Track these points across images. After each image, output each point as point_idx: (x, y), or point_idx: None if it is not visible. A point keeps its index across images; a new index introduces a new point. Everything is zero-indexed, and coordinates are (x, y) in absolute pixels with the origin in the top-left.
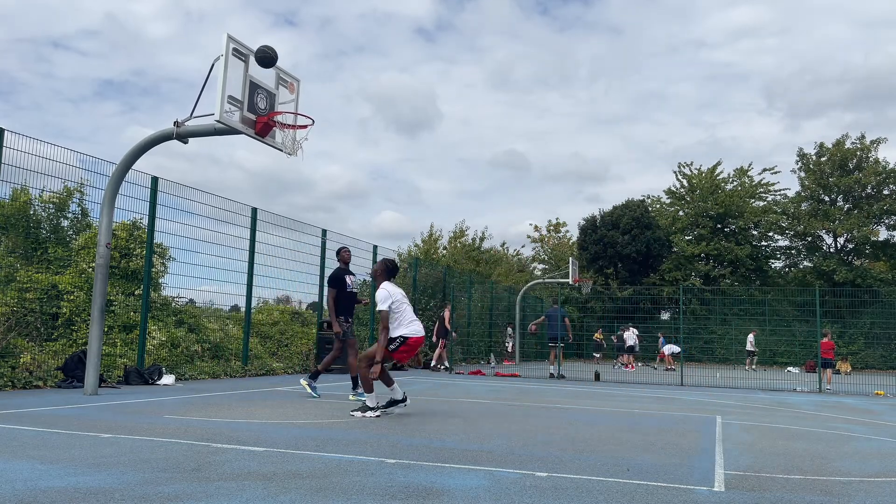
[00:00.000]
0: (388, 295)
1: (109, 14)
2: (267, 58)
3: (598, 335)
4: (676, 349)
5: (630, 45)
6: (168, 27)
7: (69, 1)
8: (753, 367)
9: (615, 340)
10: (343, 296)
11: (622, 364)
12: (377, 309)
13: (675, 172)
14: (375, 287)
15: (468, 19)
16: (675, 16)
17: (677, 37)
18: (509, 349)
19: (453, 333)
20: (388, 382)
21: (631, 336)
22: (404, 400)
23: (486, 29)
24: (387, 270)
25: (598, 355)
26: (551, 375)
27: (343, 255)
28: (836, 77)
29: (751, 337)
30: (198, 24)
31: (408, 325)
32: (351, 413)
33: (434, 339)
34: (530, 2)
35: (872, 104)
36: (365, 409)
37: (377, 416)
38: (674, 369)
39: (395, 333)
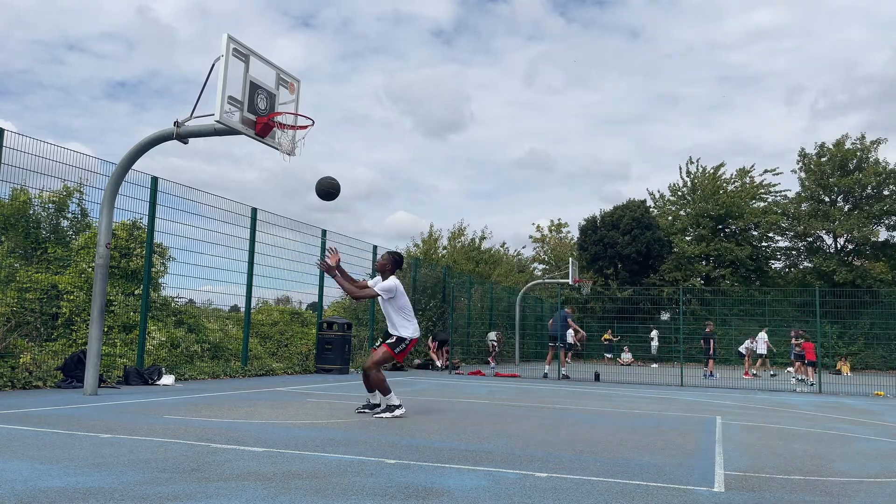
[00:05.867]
0: (395, 287)
1: (125, 16)
2: (330, 192)
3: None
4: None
5: (648, 47)
6: (188, 29)
7: (83, 3)
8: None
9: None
10: None
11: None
12: (377, 287)
13: (680, 168)
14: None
15: (486, 21)
16: (694, 18)
17: (696, 39)
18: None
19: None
20: (370, 388)
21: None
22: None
23: (502, 31)
24: (393, 262)
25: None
26: (545, 376)
27: None
28: (856, 79)
29: (763, 335)
30: (217, 27)
31: (410, 324)
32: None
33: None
34: (548, 4)
35: (891, 106)
36: (392, 408)
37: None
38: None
39: (402, 334)
